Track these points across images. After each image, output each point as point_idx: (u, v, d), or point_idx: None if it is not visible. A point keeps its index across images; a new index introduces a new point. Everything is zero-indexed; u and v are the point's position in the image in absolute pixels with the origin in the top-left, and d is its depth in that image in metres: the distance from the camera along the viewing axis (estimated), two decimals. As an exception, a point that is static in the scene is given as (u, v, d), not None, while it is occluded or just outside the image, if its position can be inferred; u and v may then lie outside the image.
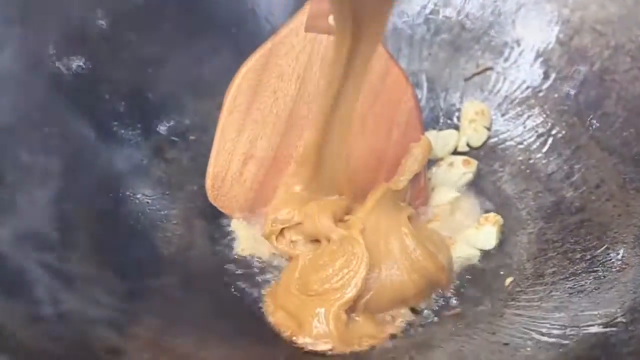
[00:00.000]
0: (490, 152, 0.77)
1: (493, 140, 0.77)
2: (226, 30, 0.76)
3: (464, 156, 0.76)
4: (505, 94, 0.78)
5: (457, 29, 0.80)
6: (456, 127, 0.79)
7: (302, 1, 0.67)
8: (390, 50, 0.70)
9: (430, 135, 0.75)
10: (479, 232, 0.69)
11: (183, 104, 0.75)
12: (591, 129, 0.70)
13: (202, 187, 0.70)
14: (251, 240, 0.70)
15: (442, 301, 0.65)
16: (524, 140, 0.75)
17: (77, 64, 0.68)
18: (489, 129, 0.77)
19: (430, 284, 0.64)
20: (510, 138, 0.76)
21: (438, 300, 0.65)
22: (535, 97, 0.76)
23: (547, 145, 0.73)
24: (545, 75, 0.75)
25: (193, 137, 0.75)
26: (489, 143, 0.77)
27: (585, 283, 0.61)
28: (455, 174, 0.74)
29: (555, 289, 0.62)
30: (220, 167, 0.68)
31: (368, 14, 0.53)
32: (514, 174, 0.74)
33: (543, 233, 0.68)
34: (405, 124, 0.69)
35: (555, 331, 0.57)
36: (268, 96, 0.67)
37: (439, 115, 0.80)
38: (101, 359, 0.51)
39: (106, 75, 0.70)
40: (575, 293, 0.60)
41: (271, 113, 0.67)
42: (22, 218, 0.57)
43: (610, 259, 0.61)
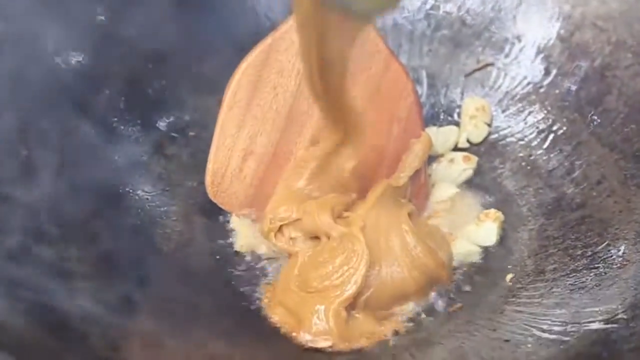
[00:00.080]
0: (490, 149, 0.77)
1: (494, 136, 0.77)
2: (226, 26, 0.75)
3: (465, 152, 0.76)
4: (506, 90, 0.77)
5: (458, 25, 0.80)
6: (456, 123, 0.79)
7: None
8: (391, 46, 0.69)
9: (431, 131, 0.75)
10: (479, 229, 0.69)
11: (183, 100, 0.75)
12: (592, 125, 0.70)
13: (202, 184, 0.69)
14: (251, 236, 0.70)
15: (443, 298, 0.65)
16: (525, 136, 0.75)
17: (77, 60, 0.68)
18: (490, 125, 0.77)
19: (430, 280, 0.64)
20: (510, 134, 0.76)
21: (438, 297, 0.65)
22: (536, 93, 0.75)
23: (548, 142, 0.73)
24: (546, 71, 0.75)
25: (193, 133, 0.75)
26: (490, 139, 0.77)
27: (586, 279, 0.60)
28: (456, 170, 0.74)
29: (556, 285, 0.62)
30: (220, 164, 0.68)
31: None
32: (515, 170, 0.74)
33: (544, 229, 0.68)
34: (406, 120, 0.68)
35: (556, 328, 0.57)
36: (268, 92, 0.66)
37: (439, 111, 0.80)
38: (101, 356, 0.51)
39: (106, 70, 0.70)
40: (576, 289, 0.60)
41: (271, 109, 0.67)
42: (21, 214, 0.57)
43: (611, 256, 0.61)
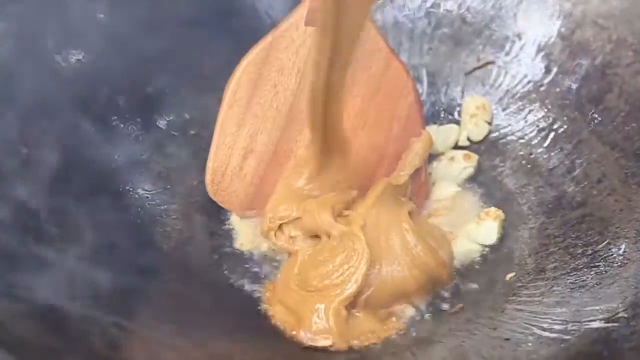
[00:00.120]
0: (491, 147, 0.76)
1: (494, 134, 0.77)
2: (226, 24, 0.75)
3: (465, 150, 0.76)
4: (507, 88, 0.77)
5: (458, 23, 0.79)
6: (457, 122, 0.78)
7: (302, -5, 0.67)
8: (391, 44, 0.69)
9: (431, 129, 0.74)
10: (480, 227, 0.69)
11: (183, 99, 0.75)
12: (593, 124, 0.70)
13: (202, 182, 0.69)
14: (251, 235, 0.70)
15: (443, 296, 0.65)
16: (525, 134, 0.75)
17: (76, 58, 0.68)
18: (490, 123, 0.77)
19: (431, 279, 0.64)
20: (511, 132, 0.76)
21: (439, 296, 0.65)
22: (537, 92, 0.75)
23: (549, 140, 0.73)
24: (547, 70, 0.75)
25: (193, 132, 0.75)
26: (490, 137, 0.77)
27: (587, 278, 0.60)
28: (456, 168, 0.74)
29: (557, 284, 0.62)
30: (220, 162, 0.68)
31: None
32: (515, 168, 0.74)
33: (544, 228, 0.68)
34: (406, 118, 0.68)
35: (556, 326, 0.57)
36: (268, 90, 0.66)
37: (439, 110, 0.80)
38: (101, 354, 0.51)
39: (105, 69, 0.70)
40: (577, 288, 0.60)
41: (271, 107, 0.67)
42: (21, 213, 0.57)
43: (612, 254, 0.61)
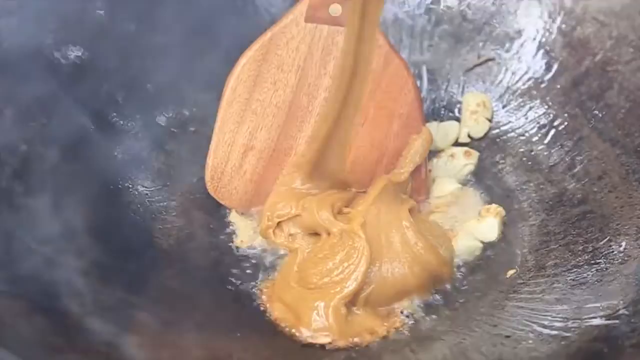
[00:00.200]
0: (491, 144, 0.76)
1: (494, 131, 0.77)
2: (226, 21, 0.75)
3: (465, 147, 0.76)
4: (507, 85, 0.77)
5: (459, 20, 0.79)
6: (457, 119, 0.78)
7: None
8: (391, 41, 0.69)
9: (431, 126, 0.74)
10: (480, 224, 0.68)
11: (182, 95, 0.74)
12: (593, 121, 0.70)
13: (202, 179, 0.69)
14: (250, 232, 0.70)
15: (444, 294, 0.65)
16: (526, 131, 0.75)
17: (76, 54, 0.68)
18: (491, 120, 0.77)
19: (431, 277, 0.64)
20: (511, 129, 0.76)
21: (439, 293, 0.65)
22: (537, 88, 0.75)
23: (549, 137, 0.73)
24: (547, 66, 0.75)
25: (192, 129, 0.75)
26: (491, 134, 0.77)
27: (588, 275, 0.60)
28: (457, 165, 0.74)
29: (557, 281, 0.61)
30: (219, 159, 0.68)
31: None
32: (516, 165, 0.74)
33: (545, 225, 0.68)
34: (406, 115, 0.68)
35: (557, 323, 0.57)
36: (268, 87, 0.66)
37: (440, 107, 0.80)
38: (100, 351, 0.51)
39: (105, 65, 0.70)
40: (578, 285, 0.60)
41: (271, 104, 0.67)
42: (20, 210, 0.57)
43: (613, 251, 0.61)
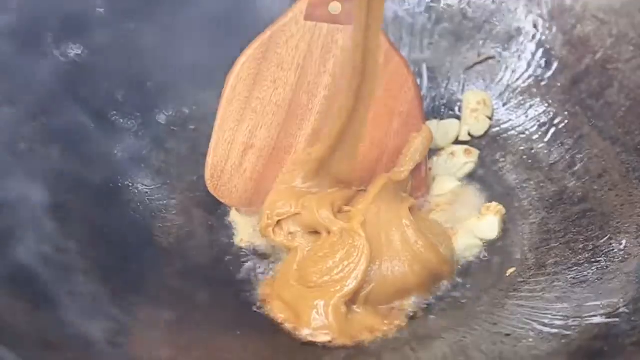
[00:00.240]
0: (492, 142, 0.76)
1: (495, 129, 0.77)
2: (226, 19, 0.75)
3: (466, 146, 0.76)
4: (507, 83, 0.77)
5: (459, 18, 0.79)
6: (457, 117, 0.78)
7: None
8: (391, 39, 0.69)
9: (432, 124, 0.74)
10: (480, 222, 0.68)
11: (182, 94, 0.74)
12: (594, 119, 0.70)
13: (202, 177, 0.69)
14: (250, 230, 0.70)
15: (444, 292, 0.65)
16: (526, 129, 0.75)
17: (75, 52, 0.67)
18: (491, 118, 0.77)
19: (431, 275, 0.64)
20: (512, 127, 0.76)
21: (439, 292, 0.65)
22: (538, 87, 0.75)
23: (549, 135, 0.73)
24: (548, 64, 0.75)
25: (192, 127, 0.75)
26: (491, 132, 0.77)
27: (588, 273, 0.60)
28: (457, 163, 0.74)
29: (558, 279, 0.61)
30: (219, 157, 0.68)
31: None
32: (516, 163, 0.74)
33: (545, 223, 0.68)
34: (406, 113, 0.68)
35: (557, 322, 0.57)
36: (268, 85, 0.66)
37: (440, 105, 0.80)
38: (101, 350, 0.51)
39: (105, 63, 0.70)
40: (578, 283, 0.60)
41: (271, 102, 0.67)
42: (20, 208, 0.57)
43: (613, 249, 0.61)
